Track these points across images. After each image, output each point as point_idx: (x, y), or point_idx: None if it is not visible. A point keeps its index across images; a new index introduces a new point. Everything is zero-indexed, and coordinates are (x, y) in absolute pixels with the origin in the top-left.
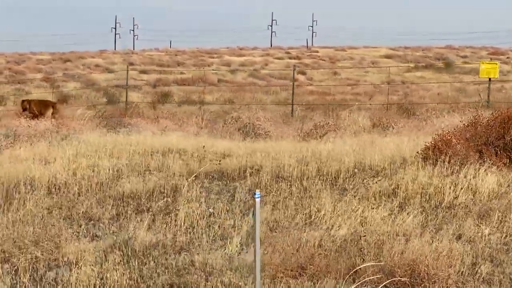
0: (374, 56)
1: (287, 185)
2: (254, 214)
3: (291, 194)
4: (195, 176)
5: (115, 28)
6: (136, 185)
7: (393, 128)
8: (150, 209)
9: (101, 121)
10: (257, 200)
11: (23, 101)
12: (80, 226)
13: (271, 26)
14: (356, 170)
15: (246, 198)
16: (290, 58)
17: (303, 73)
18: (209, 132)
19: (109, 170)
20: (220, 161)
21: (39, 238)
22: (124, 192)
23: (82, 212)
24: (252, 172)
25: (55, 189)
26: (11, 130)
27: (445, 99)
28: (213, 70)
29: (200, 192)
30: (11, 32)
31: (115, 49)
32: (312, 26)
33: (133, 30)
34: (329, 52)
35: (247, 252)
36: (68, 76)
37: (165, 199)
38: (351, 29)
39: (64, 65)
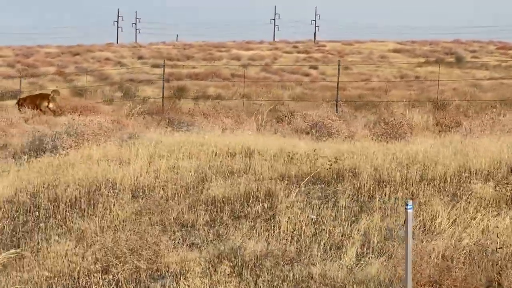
0: (382, 50)
1: (392, 190)
2: (406, 226)
3: (396, 200)
4: (301, 180)
5: (118, 22)
6: (226, 189)
7: (458, 126)
8: (248, 215)
9: (160, 120)
10: (410, 211)
11: (18, 99)
12: (174, 233)
13: (274, 20)
14: (465, 173)
15: (350, 204)
16: (298, 52)
17: (315, 68)
18: (270, 131)
19: (191, 172)
20: (331, 164)
21: (136, 246)
22: (215, 196)
23: (173, 218)
24: (349, 175)
25: (140, 192)
26: (72, 127)
27: (462, 95)
28: (224, 65)
29: (300, 197)
30: (10, 25)
31: (117, 42)
32: (315, 20)
33: (136, 24)
34: (337, 46)
35: (366, 264)
36: (81, 69)
37: (261, 204)
38: (354, 23)
39: (74, 59)
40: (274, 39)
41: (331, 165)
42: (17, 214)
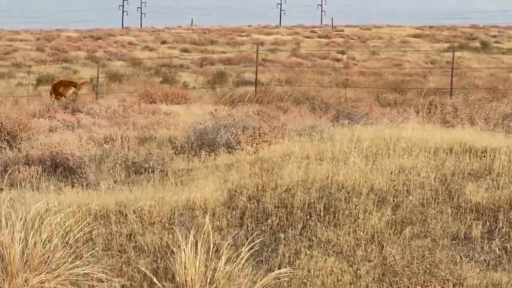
0: (401, 35)
1: None
2: None
3: None
4: None
5: (123, 6)
6: (483, 194)
7: None
8: None
9: (323, 111)
10: None
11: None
12: (448, 248)
13: (280, 4)
14: None
15: None
16: (318, 37)
17: (343, 53)
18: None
19: (429, 173)
20: None
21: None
22: (477, 202)
23: (440, 228)
24: None
25: (389, 197)
26: (240, 120)
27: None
28: (250, 49)
29: None
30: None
31: (122, 26)
32: (321, 5)
33: (141, 8)
34: (355, 30)
35: None
36: (111, 54)
37: None
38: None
39: (97, 43)
40: (280, 24)
41: None
42: (246, 222)
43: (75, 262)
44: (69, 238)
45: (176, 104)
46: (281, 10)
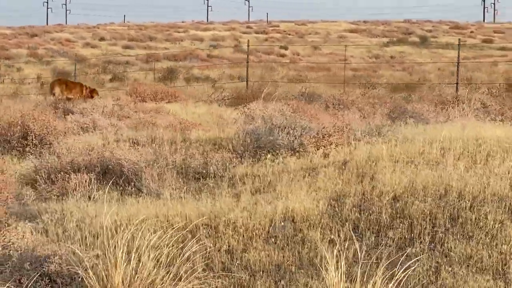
0: (338, 30)
1: None
2: None
3: None
4: None
5: (47, 2)
6: None
7: None
8: None
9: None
10: None
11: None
12: None
13: (207, 0)
14: None
15: None
16: (256, 32)
17: (286, 48)
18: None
19: None
20: None
21: None
22: None
23: None
24: None
25: None
26: (293, 121)
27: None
28: (191, 45)
29: None
30: None
31: (47, 23)
32: (248, 1)
33: (65, 5)
34: (291, 26)
35: None
36: (53, 51)
37: None
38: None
39: (33, 40)
40: (207, 20)
41: None
42: (363, 235)
43: (179, 284)
44: (160, 256)
45: (167, 102)
46: (208, 5)
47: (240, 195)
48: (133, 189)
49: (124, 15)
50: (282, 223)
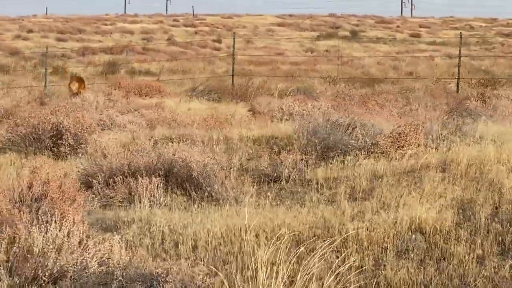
0: (264, 24)
1: None
2: None
3: None
4: None
5: None
6: None
7: None
8: None
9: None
10: None
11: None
12: None
13: None
14: None
15: None
16: (184, 25)
17: (219, 42)
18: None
19: None
20: None
21: None
22: None
23: None
24: None
25: None
26: (355, 119)
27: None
28: (123, 38)
29: None
30: None
31: None
32: None
33: None
34: (217, 19)
35: None
36: None
37: None
38: None
39: None
40: (125, 12)
41: None
42: None
43: None
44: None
45: (151, 97)
46: None
47: (340, 203)
48: (204, 194)
49: (46, 7)
50: (413, 236)
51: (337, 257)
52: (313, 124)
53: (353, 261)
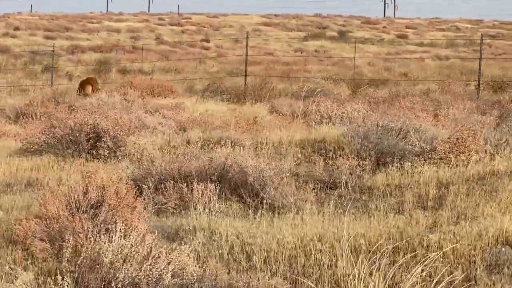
0: (250, 23)
1: None
2: None
3: None
4: None
5: None
6: None
7: None
8: None
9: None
10: None
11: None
12: None
13: None
14: None
15: None
16: (170, 24)
17: (207, 41)
18: None
19: None
20: None
21: None
22: None
23: None
24: None
25: None
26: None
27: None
28: (109, 36)
29: None
30: None
31: None
32: None
33: None
34: (203, 18)
35: None
36: None
37: None
38: None
39: None
40: (107, 10)
41: None
42: None
43: None
44: None
45: (164, 97)
46: None
47: (410, 212)
48: (263, 201)
49: (31, 5)
50: (502, 249)
51: (422, 271)
52: (363, 128)
53: (441, 275)
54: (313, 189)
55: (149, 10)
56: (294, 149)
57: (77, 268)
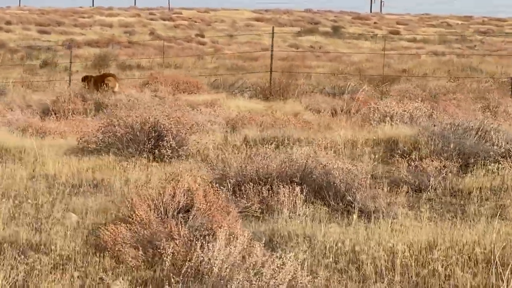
0: (242, 18)
1: None
2: None
3: None
4: None
5: None
6: None
7: None
8: None
9: None
10: None
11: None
12: None
13: None
14: None
15: None
16: (162, 19)
17: (202, 36)
18: None
19: None
20: None
21: None
22: None
23: None
24: None
25: None
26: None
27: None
28: (103, 31)
29: None
30: None
31: None
32: None
33: None
34: (193, 13)
35: None
36: None
37: None
38: None
39: None
40: (93, 5)
41: None
42: None
43: None
44: None
45: (189, 93)
46: None
47: None
48: (350, 204)
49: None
50: None
51: None
52: (438, 127)
53: None
54: (407, 192)
55: (135, 3)
56: (367, 149)
57: (181, 278)
